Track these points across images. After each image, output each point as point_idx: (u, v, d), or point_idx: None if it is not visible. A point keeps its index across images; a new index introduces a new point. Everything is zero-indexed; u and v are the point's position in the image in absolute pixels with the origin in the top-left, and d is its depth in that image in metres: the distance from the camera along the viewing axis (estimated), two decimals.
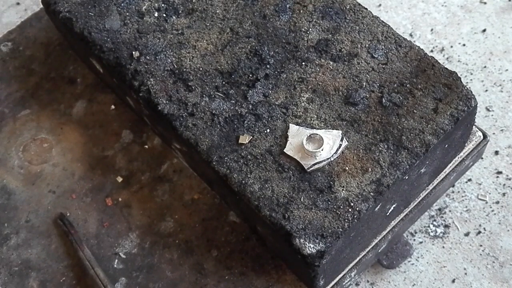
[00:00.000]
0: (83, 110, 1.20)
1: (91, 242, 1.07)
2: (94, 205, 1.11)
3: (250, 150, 0.92)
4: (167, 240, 1.06)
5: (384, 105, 0.93)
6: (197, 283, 1.02)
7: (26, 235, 1.09)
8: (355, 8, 1.02)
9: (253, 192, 0.89)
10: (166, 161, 1.13)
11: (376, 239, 1.01)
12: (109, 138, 1.17)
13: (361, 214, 0.86)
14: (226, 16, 1.04)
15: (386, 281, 1.12)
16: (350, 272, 1.00)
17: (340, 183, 0.87)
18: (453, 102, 0.92)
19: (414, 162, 0.88)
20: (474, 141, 1.06)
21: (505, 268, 1.12)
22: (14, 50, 1.30)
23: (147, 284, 1.03)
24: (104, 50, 1.04)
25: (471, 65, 1.34)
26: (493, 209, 1.18)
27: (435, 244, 1.15)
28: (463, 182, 1.20)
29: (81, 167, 1.14)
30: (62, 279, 1.05)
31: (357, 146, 0.90)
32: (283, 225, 0.86)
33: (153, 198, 1.10)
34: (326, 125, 0.92)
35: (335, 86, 0.96)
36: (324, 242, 0.84)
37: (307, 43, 1.00)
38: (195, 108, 0.96)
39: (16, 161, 1.17)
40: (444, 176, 1.05)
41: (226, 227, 1.06)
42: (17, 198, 1.13)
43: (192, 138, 0.94)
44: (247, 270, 1.02)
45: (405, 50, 0.97)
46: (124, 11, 1.07)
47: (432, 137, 0.89)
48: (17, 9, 1.61)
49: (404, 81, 0.94)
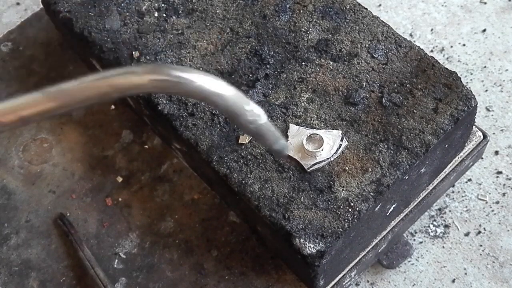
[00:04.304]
0: (83, 110, 1.20)
1: (91, 242, 1.07)
2: (94, 205, 1.11)
3: (250, 150, 0.92)
4: (167, 240, 1.06)
5: (384, 105, 0.93)
6: (197, 283, 1.02)
7: (26, 235, 1.09)
8: (355, 8, 1.02)
9: (253, 192, 0.89)
10: (166, 161, 1.13)
11: (376, 239, 1.01)
12: (109, 138, 1.17)
13: (361, 214, 0.86)
14: (226, 16, 1.04)
15: (386, 281, 1.12)
16: (350, 272, 1.00)
17: (340, 183, 0.87)
18: (453, 102, 0.92)
19: (414, 162, 0.88)
20: (474, 141, 1.06)
21: (505, 268, 1.12)
22: (14, 50, 1.30)
23: (147, 284, 1.03)
24: (104, 50, 1.04)
25: (471, 65, 1.34)
26: (493, 209, 1.18)
27: (435, 244, 1.15)
28: (463, 182, 1.20)
29: (81, 167, 1.14)
30: (62, 279, 1.05)
31: (357, 146, 0.90)
32: (283, 225, 0.86)
33: (153, 198, 1.10)
34: (326, 125, 0.92)
35: (335, 86, 0.96)
36: (324, 242, 0.84)
37: (307, 43, 1.00)
38: (195, 108, 0.96)
39: (16, 161, 1.17)
40: (444, 176, 1.05)
41: (226, 227, 1.06)
42: (17, 198, 1.13)
43: (192, 138, 0.94)
44: (247, 270, 1.02)
45: (405, 50, 0.97)
46: (124, 11, 1.07)
47: (432, 137, 0.89)
48: (17, 9, 1.61)
49: (404, 81, 0.94)
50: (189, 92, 0.60)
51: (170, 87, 0.59)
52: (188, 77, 0.59)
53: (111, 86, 0.58)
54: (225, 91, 0.61)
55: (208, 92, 0.59)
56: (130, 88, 0.58)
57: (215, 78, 0.60)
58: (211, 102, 0.61)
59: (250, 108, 0.62)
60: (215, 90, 0.60)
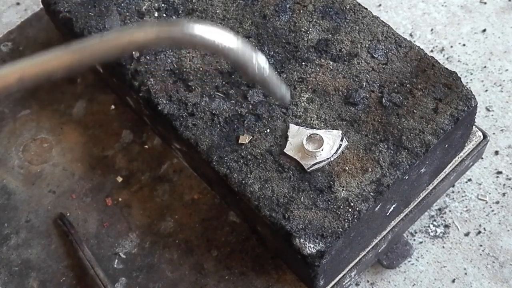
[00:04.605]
0: (83, 110, 1.20)
1: (91, 242, 1.07)
2: (94, 205, 1.11)
3: (250, 150, 0.92)
4: (167, 240, 1.06)
5: (384, 105, 0.93)
6: (197, 283, 1.02)
7: (26, 235, 1.09)
8: (355, 8, 1.02)
9: (253, 192, 0.89)
10: (166, 161, 1.13)
11: (376, 239, 1.01)
12: (109, 138, 1.17)
13: (361, 214, 0.86)
14: (226, 16, 1.04)
15: (386, 281, 1.12)
16: (350, 272, 1.00)
17: (340, 183, 0.87)
18: (453, 102, 0.92)
19: (414, 162, 0.88)
20: (474, 141, 1.06)
21: (505, 268, 1.12)
22: (14, 50, 1.30)
23: (147, 284, 1.03)
24: None
25: (471, 65, 1.34)
26: (493, 209, 1.18)
27: (435, 244, 1.15)
28: (463, 182, 1.20)
29: (81, 167, 1.14)
30: (62, 279, 1.05)
31: (357, 146, 0.90)
32: (283, 225, 0.86)
33: (153, 198, 1.10)
34: (326, 125, 0.92)
35: (335, 86, 0.96)
36: (324, 242, 0.84)
37: (307, 43, 1.00)
38: (195, 108, 0.96)
39: (16, 161, 1.17)
40: (444, 176, 1.05)
41: (226, 227, 1.06)
42: (17, 198, 1.13)
43: (192, 138, 0.94)
44: (247, 270, 1.02)
45: (405, 50, 0.97)
46: (124, 11, 1.07)
47: (432, 137, 0.89)
48: (17, 9, 1.61)
49: (404, 81, 0.94)
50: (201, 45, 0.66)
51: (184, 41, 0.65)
52: (200, 32, 0.64)
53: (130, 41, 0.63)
54: (235, 44, 0.66)
55: (219, 46, 0.65)
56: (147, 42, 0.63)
57: (226, 32, 0.66)
58: (222, 55, 0.68)
59: (257, 60, 0.69)
60: (225, 44, 0.66)
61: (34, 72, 0.62)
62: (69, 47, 0.63)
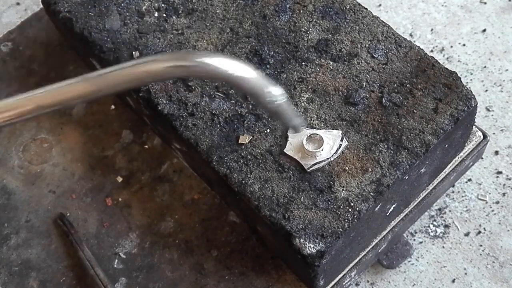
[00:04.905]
0: (83, 110, 1.21)
1: (91, 242, 1.07)
2: (94, 205, 1.11)
3: (250, 150, 0.92)
4: (167, 240, 1.06)
5: (384, 105, 0.93)
6: (197, 283, 1.02)
7: (26, 235, 1.09)
8: (355, 8, 1.02)
9: (253, 192, 0.89)
10: (166, 161, 1.13)
11: (376, 239, 1.01)
12: (109, 138, 1.17)
13: (361, 214, 0.86)
14: (226, 16, 1.04)
15: (386, 281, 1.12)
16: (350, 272, 1.00)
17: (340, 183, 0.87)
18: (453, 102, 0.92)
19: (414, 162, 0.88)
20: (474, 141, 1.06)
21: (505, 268, 1.12)
22: (14, 50, 1.30)
23: (147, 284, 1.03)
24: (104, 50, 1.04)
25: (471, 65, 1.34)
26: (493, 209, 1.18)
27: (435, 244, 1.15)
28: (463, 182, 1.20)
29: (81, 167, 1.14)
30: (62, 279, 1.05)
31: (357, 146, 0.90)
32: (283, 225, 0.86)
33: (153, 198, 1.10)
34: (326, 125, 0.92)
35: (335, 86, 0.96)
36: (324, 242, 0.84)
37: (307, 43, 1.00)
38: (195, 108, 0.96)
39: (16, 161, 1.17)
40: (444, 176, 1.05)
41: (226, 227, 1.06)
42: (17, 198, 1.13)
43: (192, 138, 0.94)
44: (247, 270, 1.02)
45: (405, 50, 0.97)
46: (124, 11, 1.07)
47: (432, 137, 0.89)
48: (17, 9, 1.61)
49: (404, 81, 0.94)
50: (214, 76, 0.67)
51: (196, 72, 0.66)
52: (212, 62, 0.65)
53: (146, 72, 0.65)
54: (247, 74, 0.67)
55: (232, 76, 0.66)
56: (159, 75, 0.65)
57: (239, 62, 0.66)
58: (235, 85, 0.69)
59: (269, 90, 0.69)
60: (238, 74, 0.66)
61: (51, 102, 0.65)
62: (85, 77, 0.65)
